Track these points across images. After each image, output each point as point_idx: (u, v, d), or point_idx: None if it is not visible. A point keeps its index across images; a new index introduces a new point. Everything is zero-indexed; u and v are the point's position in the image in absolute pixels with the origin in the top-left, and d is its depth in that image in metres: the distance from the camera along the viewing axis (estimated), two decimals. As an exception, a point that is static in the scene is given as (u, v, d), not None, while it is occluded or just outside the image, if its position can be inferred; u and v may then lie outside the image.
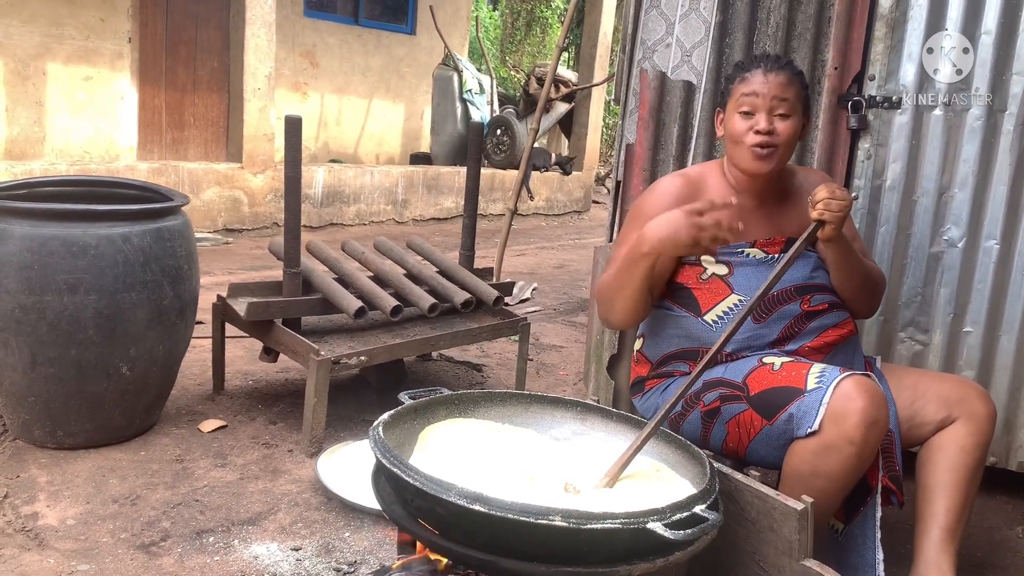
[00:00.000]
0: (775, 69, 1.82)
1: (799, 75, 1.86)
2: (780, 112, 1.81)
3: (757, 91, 1.81)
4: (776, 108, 1.80)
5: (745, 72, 1.85)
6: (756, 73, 1.82)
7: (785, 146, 1.83)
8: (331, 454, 2.41)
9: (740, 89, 1.84)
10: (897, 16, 2.37)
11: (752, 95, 1.81)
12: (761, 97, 1.80)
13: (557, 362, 3.74)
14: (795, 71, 1.85)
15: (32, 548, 1.91)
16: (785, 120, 1.81)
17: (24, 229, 2.20)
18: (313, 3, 8.13)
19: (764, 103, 1.80)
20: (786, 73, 1.82)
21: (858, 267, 1.88)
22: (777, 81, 1.80)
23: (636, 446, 1.56)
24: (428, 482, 1.29)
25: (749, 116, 1.82)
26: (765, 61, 1.85)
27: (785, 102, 1.80)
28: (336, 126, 8.50)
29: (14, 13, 5.71)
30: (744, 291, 1.84)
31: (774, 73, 1.81)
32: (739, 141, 1.84)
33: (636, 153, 2.61)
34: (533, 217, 8.94)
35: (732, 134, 1.86)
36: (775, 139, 1.81)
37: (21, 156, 5.86)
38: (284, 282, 2.66)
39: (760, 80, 1.81)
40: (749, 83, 1.82)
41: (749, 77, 1.83)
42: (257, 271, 5.13)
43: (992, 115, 2.31)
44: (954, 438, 1.77)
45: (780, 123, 1.81)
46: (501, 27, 13.93)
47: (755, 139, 1.81)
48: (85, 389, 2.32)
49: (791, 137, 1.83)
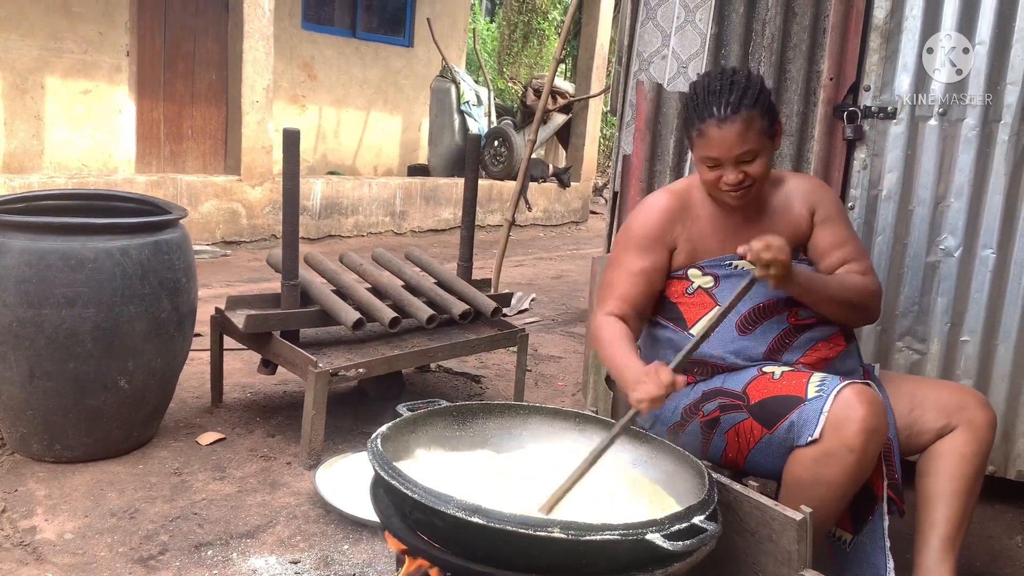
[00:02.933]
0: (729, 117, 1.72)
1: (757, 107, 1.74)
2: (745, 159, 1.76)
3: (716, 151, 1.75)
4: (740, 157, 1.75)
5: (701, 123, 1.76)
6: (710, 126, 1.74)
7: (759, 181, 1.79)
8: (329, 466, 2.40)
9: (699, 145, 1.78)
10: (892, 27, 2.38)
11: (713, 155, 1.76)
12: (723, 154, 1.75)
13: (555, 373, 3.74)
14: (750, 104, 1.73)
15: (30, 562, 1.90)
16: (752, 163, 1.76)
17: (22, 243, 2.21)
18: (311, 16, 8.17)
19: (728, 156, 1.75)
20: (740, 118, 1.72)
21: (828, 298, 1.81)
22: (734, 132, 1.72)
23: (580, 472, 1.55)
24: (427, 494, 1.29)
25: (716, 167, 1.78)
26: (716, 104, 1.73)
27: (748, 148, 1.74)
28: (334, 138, 8.52)
29: (13, 27, 5.72)
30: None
31: (728, 123, 1.72)
32: (711, 188, 1.83)
33: (633, 164, 2.61)
34: (531, 228, 8.95)
35: (703, 181, 1.84)
36: (747, 182, 1.78)
37: (19, 169, 5.86)
38: (282, 294, 2.66)
39: (716, 136, 1.73)
40: (708, 141, 1.75)
41: (704, 130, 1.75)
42: (255, 283, 5.13)
43: (987, 125, 2.32)
44: (953, 446, 1.76)
45: (748, 167, 1.76)
46: (498, 39, 13.99)
47: (727, 188, 1.79)
48: (83, 403, 2.31)
49: (763, 172, 1.79)
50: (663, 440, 1.71)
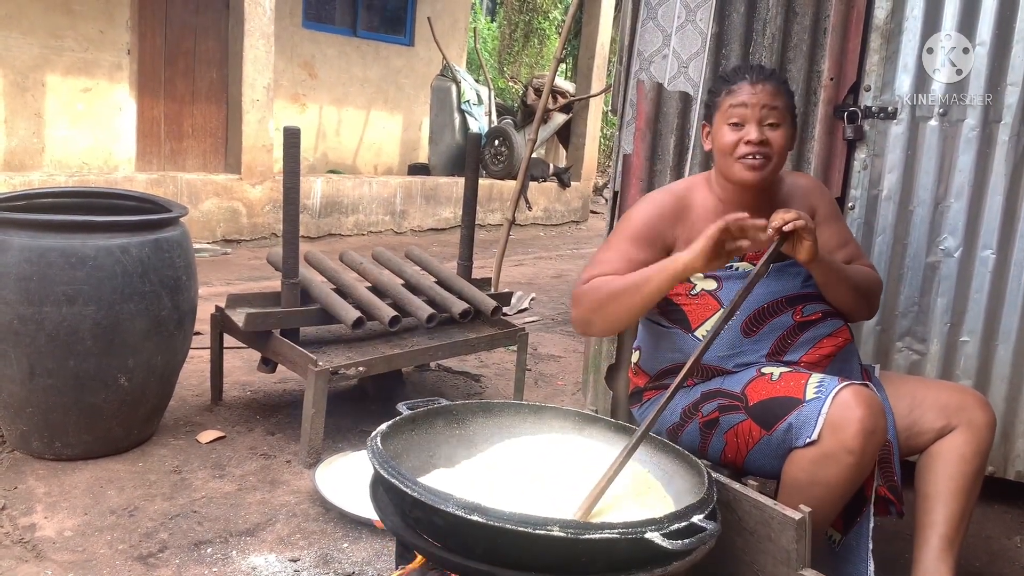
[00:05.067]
0: (762, 80, 1.78)
1: (785, 84, 1.84)
2: (771, 122, 1.77)
3: (746, 101, 1.77)
4: (766, 118, 1.77)
5: (731, 84, 1.81)
6: (743, 84, 1.79)
7: (778, 155, 1.80)
8: (329, 465, 2.40)
9: (727, 101, 1.81)
10: (892, 27, 2.38)
11: (741, 106, 1.78)
12: (750, 107, 1.77)
13: (555, 372, 3.74)
14: (781, 80, 1.83)
15: (30, 559, 1.90)
16: (776, 130, 1.78)
17: (23, 240, 2.21)
18: (312, 15, 8.17)
19: (754, 113, 1.77)
20: (773, 83, 1.79)
21: (847, 281, 1.84)
22: (766, 90, 1.77)
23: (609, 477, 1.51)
24: (426, 492, 1.29)
25: (738, 127, 1.79)
26: (750, 72, 1.81)
27: (775, 111, 1.77)
28: (335, 137, 8.52)
29: (13, 25, 5.72)
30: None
31: (761, 84, 1.78)
32: (729, 153, 1.81)
33: (633, 164, 2.62)
34: (531, 227, 8.96)
35: (721, 146, 1.82)
36: (767, 149, 1.78)
37: (20, 167, 5.87)
38: (282, 293, 2.66)
39: (748, 91, 1.78)
40: (736, 94, 1.79)
41: (736, 89, 1.79)
42: (256, 282, 5.13)
43: (987, 125, 2.32)
44: (953, 446, 1.76)
45: (771, 132, 1.78)
46: (499, 38, 13.99)
47: (746, 149, 1.78)
48: (83, 400, 2.31)
49: (783, 147, 1.80)
50: (662, 439, 1.71)
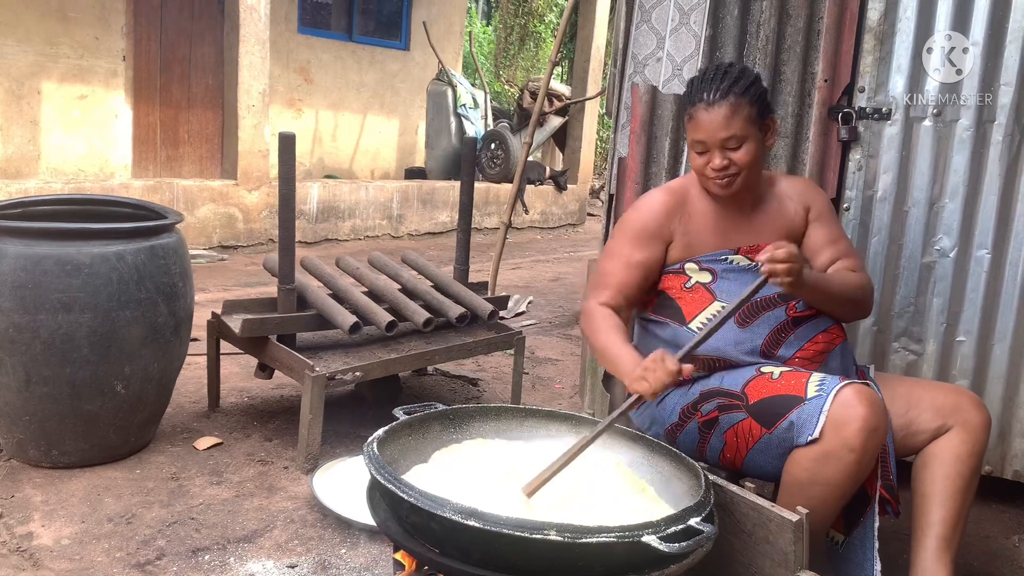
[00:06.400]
0: (717, 101, 1.79)
1: (746, 93, 1.81)
2: (731, 146, 1.81)
3: (703, 133, 1.81)
4: (726, 143, 1.81)
5: (691, 104, 1.84)
6: (699, 109, 1.81)
7: (746, 169, 1.83)
8: (327, 470, 2.40)
9: (690, 129, 1.86)
10: (885, 28, 2.39)
11: (700, 137, 1.82)
12: (708, 137, 1.81)
13: (553, 375, 3.74)
14: (740, 92, 1.80)
15: (27, 568, 1.90)
16: (738, 150, 1.81)
17: (18, 248, 2.21)
18: (307, 20, 8.17)
19: (713, 141, 1.81)
20: (727, 103, 1.78)
21: (836, 298, 1.86)
22: (720, 116, 1.78)
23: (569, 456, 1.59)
24: (422, 498, 1.29)
25: (703, 153, 1.85)
26: (708, 89, 1.81)
27: (733, 137, 1.80)
28: (331, 142, 8.52)
29: (9, 32, 5.73)
30: (727, 297, 1.85)
31: (716, 107, 1.79)
32: (700, 173, 1.88)
33: (629, 166, 2.62)
34: (528, 230, 8.96)
35: (693, 167, 1.90)
36: (733, 169, 1.83)
37: (16, 175, 5.86)
38: (279, 298, 2.66)
39: (704, 119, 1.80)
40: (696, 124, 1.83)
41: (694, 113, 1.83)
42: (252, 288, 5.13)
43: (981, 126, 2.33)
44: (949, 447, 1.77)
45: (734, 154, 1.82)
46: (495, 42, 14.01)
47: (712, 174, 1.84)
48: (80, 408, 2.31)
49: (749, 162, 1.83)
50: (659, 442, 1.71)
